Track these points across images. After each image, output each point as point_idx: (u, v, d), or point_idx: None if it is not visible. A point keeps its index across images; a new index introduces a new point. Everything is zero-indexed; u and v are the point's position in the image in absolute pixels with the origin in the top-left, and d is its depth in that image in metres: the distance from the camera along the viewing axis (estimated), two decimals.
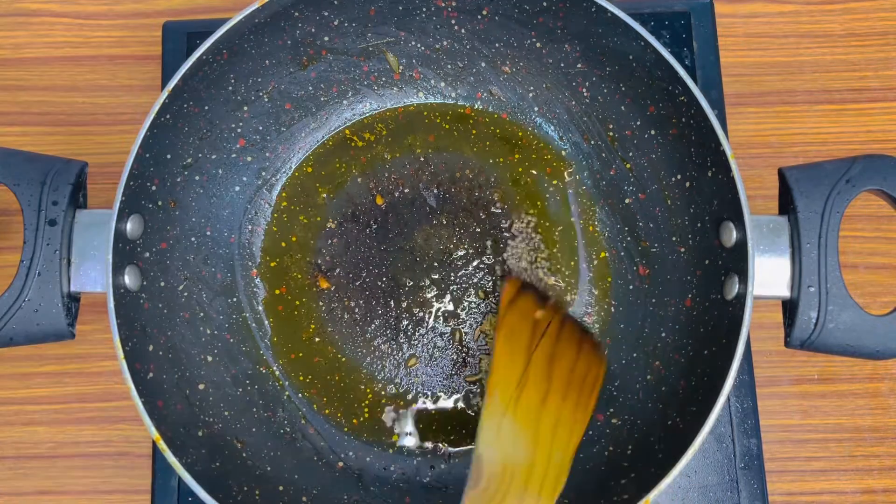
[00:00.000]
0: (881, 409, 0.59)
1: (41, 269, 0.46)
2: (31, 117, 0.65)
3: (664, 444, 0.48)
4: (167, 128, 0.50)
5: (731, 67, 0.63)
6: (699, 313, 0.51)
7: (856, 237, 0.61)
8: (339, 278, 0.58)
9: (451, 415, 0.56)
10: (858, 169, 0.46)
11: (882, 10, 0.65)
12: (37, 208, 0.46)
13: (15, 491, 0.59)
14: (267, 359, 0.56)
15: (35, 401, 0.60)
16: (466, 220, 0.58)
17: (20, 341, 0.46)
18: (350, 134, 0.60)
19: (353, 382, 0.56)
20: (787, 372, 0.59)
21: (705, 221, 0.51)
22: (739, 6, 0.65)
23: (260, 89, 0.56)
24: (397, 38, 0.57)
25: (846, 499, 0.57)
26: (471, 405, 0.56)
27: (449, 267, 0.57)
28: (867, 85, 0.64)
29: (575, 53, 0.55)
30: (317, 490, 0.51)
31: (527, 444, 0.46)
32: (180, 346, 0.52)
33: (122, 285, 0.48)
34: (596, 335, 0.56)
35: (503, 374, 0.48)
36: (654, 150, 0.54)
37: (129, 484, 0.59)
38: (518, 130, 0.60)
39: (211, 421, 0.51)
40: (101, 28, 0.67)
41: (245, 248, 0.58)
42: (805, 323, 0.45)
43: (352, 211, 0.59)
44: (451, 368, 0.56)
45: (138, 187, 0.49)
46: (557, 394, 0.48)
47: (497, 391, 0.47)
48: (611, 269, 0.57)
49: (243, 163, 0.57)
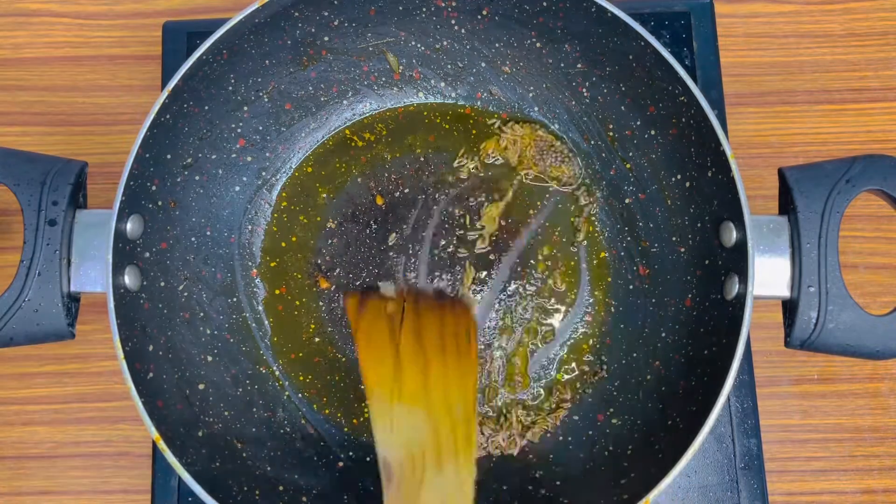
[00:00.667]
0: (881, 409, 0.59)
1: (41, 269, 0.46)
2: (31, 117, 0.65)
3: (664, 444, 0.48)
4: (167, 128, 0.50)
5: (731, 67, 0.63)
6: (699, 313, 0.51)
7: (856, 237, 0.61)
8: (339, 278, 0.57)
9: None
10: (858, 169, 0.46)
11: (882, 10, 0.65)
12: (37, 208, 0.46)
13: (15, 491, 0.59)
14: (267, 359, 0.56)
15: (35, 401, 0.60)
16: (466, 219, 0.58)
17: (20, 341, 0.46)
18: (350, 134, 0.60)
19: (353, 382, 0.56)
20: (787, 372, 0.59)
21: (705, 221, 0.51)
22: (739, 6, 0.65)
23: (260, 89, 0.56)
24: (397, 38, 0.57)
25: (846, 499, 0.57)
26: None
27: (449, 267, 0.57)
28: (867, 85, 0.64)
29: (575, 53, 0.55)
30: (317, 490, 0.51)
31: (424, 419, 0.46)
32: (180, 346, 0.52)
33: (122, 285, 0.47)
34: (446, 289, 0.56)
35: (375, 377, 0.48)
36: (654, 150, 0.54)
37: (129, 484, 0.59)
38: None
39: (211, 421, 0.51)
40: (101, 28, 0.67)
41: (245, 248, 0.58)
42: (805, 323, 0.45)
43: (352, 211, 0.59)
44: None
45: (138, 187, 0.49)
46: (436, 360, 0.48)
47: (374, 393, 0.47)
48: (611, 269, 0.57)
49: (243, 163, 0.57)
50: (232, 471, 0.49)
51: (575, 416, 0.55)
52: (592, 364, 0.56)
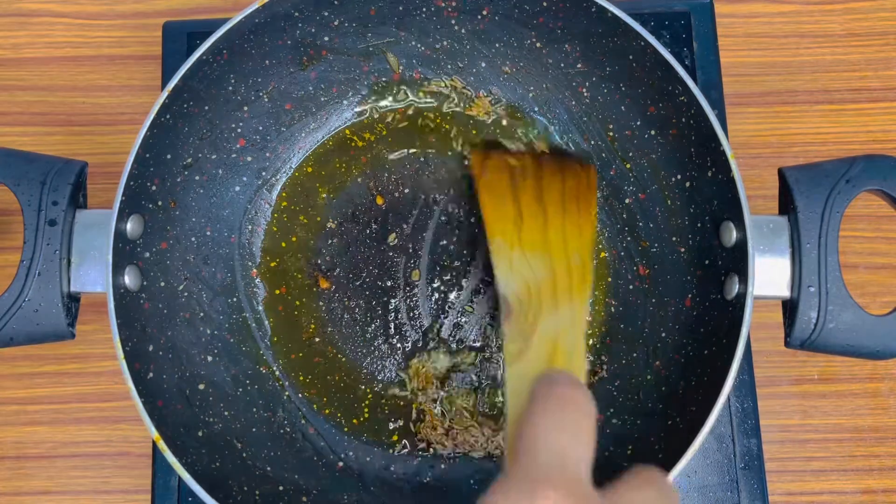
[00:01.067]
0: (881, 409, 0.59)
1: (41, 269, 0.46)
2: (31, 117, 0.65)
3: (664, 444, 0.48)
4: (167, 128, 0.50)
5: (731, 67, 0.63)
6: (699, 313, 0.51)
7: (856, 237, 0.61)
8: (339, 278, 0.58)
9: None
10: (858, 169, 0.46)
11: (882, 10, 0.65)
12: (37, 208, 0.46)
13: (15, 491, 0.59)
14: (267, 359, 0.56)
15: (35, 401, 0.60)
16: (466, 219, 0.58)
17: (20, 341, 0.46)
18: (350, 134, 0.60)
19: (353, 382, 0.56)
20: (787, 372, 0.59)
21: (705, 221, 0.51)
22: (739, 6, 0.65)
23: (260, 89, 0.56)
24: (397, 38, 0.57)
25: (846, 499, 0.57)
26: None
27: (449, 266, 0.57)
28: (867, 85, 0.64)
29: (575, 53, 0.55)
30: (317, 490, 0.51)
31: (543, 264, 0.47)
32: (180, 346, 0.52)
33: (123, 285, 0.48)
34: (574, 151, 0.56)
35: (497, 222, 0.49)
36: (654, 150, 0.54)
37: (129, 484, 0.59)
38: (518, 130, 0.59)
39: (211, 421, 0.51)
40: (101, 28, 0.67)
41: (245, 248, 0.58)
42: (805, 323, 0.45)
43: (352, 211, 0.59)
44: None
45: (138, 187, 0.49)
46: (556, 215, 0.49)
47: (496, 237, 0.48)
48: (611, 269, 0.57)
49: (243, 163, 0.57)
50: (232, 471, 0.49)
51: None
52: (592, 364, 0.56)
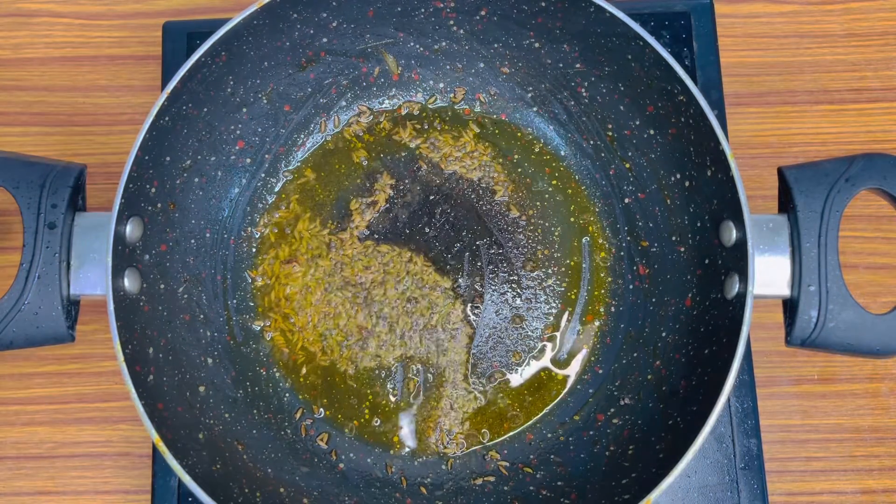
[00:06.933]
0: (881, 409, 0.59)
1: (41, 272, 0.46)
2: (31, 117, 0.65)
3: (665, 444, 0.48)
4: (166, 130, 0.50)
5: (731, 67, 0.63)
6: (699, 313, 0.51)
7: (856, 237, 0.61)
8: None
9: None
10: (858, 168, 0.46)
11: (882, 10, 0.65)
12: (36, 211, 0.46)
13: (15, 491, 0.59)
14: (267, 360, 0.56)
15: (35, 401, 0.60)
16: (466, 219, 0.58)
17: (20, 344, 0.46)
18: (350, 135, 0.60)
19: (353, 383, 0.56)
20: (787, 372, 0.59)
21: (705, 221, 0.51)
22: (739, 6, 0.65)
23: (259, 91, 0.56)
24: (396, 39, 0.57)
25: (846, 499, 0.57)
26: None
27: (449, 266, 0.57)
28: (867, 85, 0.64)
29: (574, 54, 0.55)
30: (317, 492, 0.51)
31: None
32: (180, 348, 0.52)
33: (122, 288, 0.47)
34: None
35: None
36: (653, 149, 0.54)
37: (129, 484, 0.59)
38: (517, 130, 0.60)
39: (211, 423, 0.51)
40: (101, 28, 0.67)
41: (244, 249, 0.58)
42: (805, 322, 0.45)
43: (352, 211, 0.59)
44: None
45: (137, 190, 0.49)
46: None
47: None
48: (611, 269, 0.57)
49: (242, 165, 0.57)
50: (233, 473, 0.49)
51: (576, 417, 0.55)
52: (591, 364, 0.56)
